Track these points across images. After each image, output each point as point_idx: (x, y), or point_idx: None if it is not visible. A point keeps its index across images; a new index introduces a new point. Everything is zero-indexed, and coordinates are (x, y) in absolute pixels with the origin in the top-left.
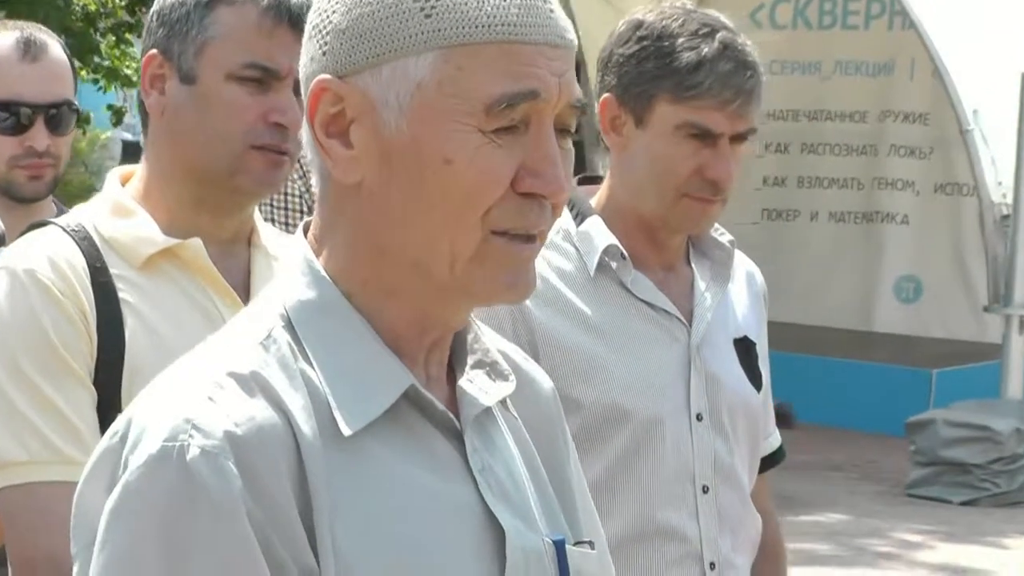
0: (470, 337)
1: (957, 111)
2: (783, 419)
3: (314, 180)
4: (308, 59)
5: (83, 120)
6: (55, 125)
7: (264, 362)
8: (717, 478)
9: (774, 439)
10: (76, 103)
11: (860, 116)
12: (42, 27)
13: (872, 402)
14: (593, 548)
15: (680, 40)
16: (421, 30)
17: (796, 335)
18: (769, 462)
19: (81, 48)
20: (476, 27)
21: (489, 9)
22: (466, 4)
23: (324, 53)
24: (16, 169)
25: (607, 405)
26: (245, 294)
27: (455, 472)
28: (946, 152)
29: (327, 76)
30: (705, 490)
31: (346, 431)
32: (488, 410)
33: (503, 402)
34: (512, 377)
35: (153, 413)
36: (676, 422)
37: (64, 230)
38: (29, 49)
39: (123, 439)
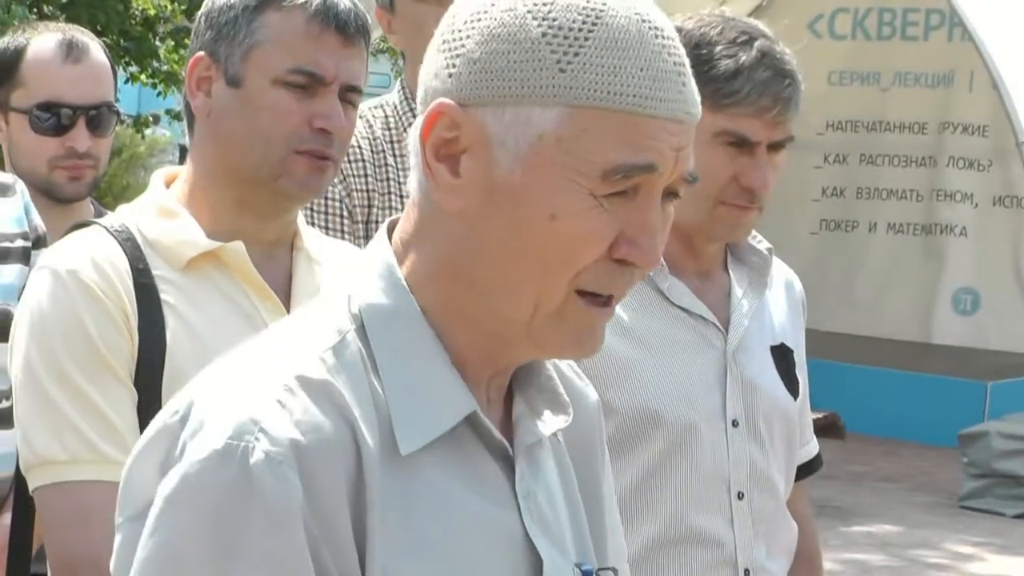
0: (535, 361)
1: (1014, 123)
2: (833, 430)
3: (412, 188)
4: (432, 72)
5: (143, 123)
6: (95, 126)
7: (335, 369)
8: (752, 484)
9: (812, 447)
10: (116, 105)
11: (919, 127)
12: (84, 29)
13: (926, 413)
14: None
15: (718, 48)
16: (553, 83)
17: (853, 346)
18: (806, 470)
19: (140, 53)
20: (608, 93)
21: (625, 77)
22: (603, 67)
23: (451, 75)
24: (57, 170)
25: (642, 410)
26: (286, 297)
27: (501, 497)
28: (1005, 164)
29: (449, 101)
30: (740, 496)
31: (404, 450)
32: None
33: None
34: (570, 410)
35: (218, 404)
36: (711, 428)
37: (107, 231)
38: (71, 51)
39: (183, 420)
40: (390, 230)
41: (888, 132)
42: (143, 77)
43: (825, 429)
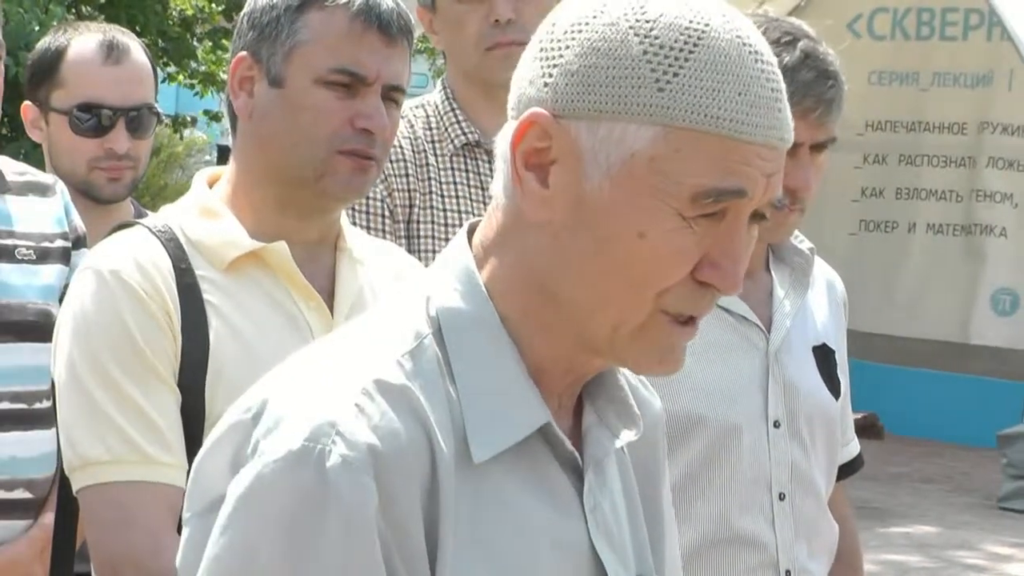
0: (606, 371)
1: None
2: (872, 430)
3: (497, 192)
4: (527, 79)
5: (181, 124)
6: (135, 128)
7: (413, 374)
8: (794, 485)
9: (853, 447)
10: (157, 106)
11: (959, 127)
12: (125, 30)
13: (965, 414)
14: None
15: None
16: (651, 102)
17: (892, 346)
18: (847, 470)
19: (178, 53)
20: (706, 116)
21: (723, 101)
22: (701, 89)
23: (546, 84)
24: (96, 171)
25: (684, 412)
26: (330, 297)
27: (569, 508)
28: None
29: (543, 111)
30: (782, 497)
31: (477, 458)
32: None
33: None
34: (640, 423)
35: (295, 405)
36: (753, 429)
37: (150, 231)
38: (111, 52)
39: (256, 418)
40: (470, 233)
41: (927, 132)
42: (181, 78)
43: (863, 430)
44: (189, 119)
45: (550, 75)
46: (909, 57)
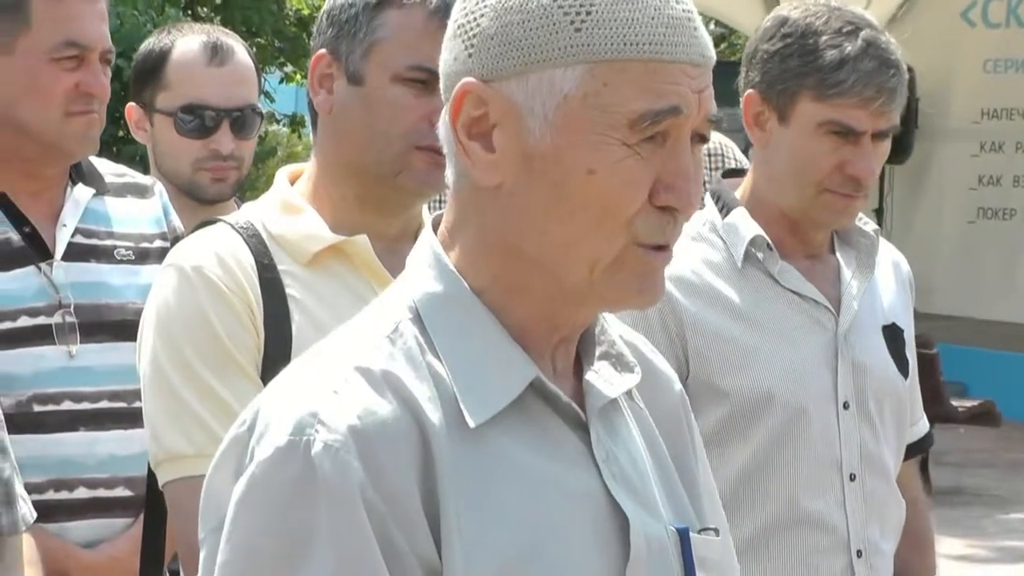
0: (597, 329)
1: None
2: (989, 417)
3: (449, 176)
4: (451, 58)
5: (299, 123)
6: (239, 128)
7: (391, 355)
8: (864, 466)
9: (922, 425)
10: (260, 107)
11: None
12: (228, 31)
13: None
14: (717, 535)
15: (824, 38)
16: (570, 43)
17: (1010, 333)
18: (917, 448)
19: (295, 52)
20: (625, 45)
21: (638, 28)
22: (616, 21)
23: (470, 55)
24: (200, 171)
25: (759, 393)
26: None
27: (579, 461)
28: None
29: (472, 79)
30: (852, 478)
31: (472, 423)
32: (614, 401)
33: (628, 393)
34: (637, 369)
35: (280, 406)
36: (823, 410)
37: (232, 227)
38: (216, 53)
39: (250, 429)
40: (435, 224)
41: None
42: (298, 77)
43: (980, 417)
44: (304, 117)
45: (471, 45)
46: None
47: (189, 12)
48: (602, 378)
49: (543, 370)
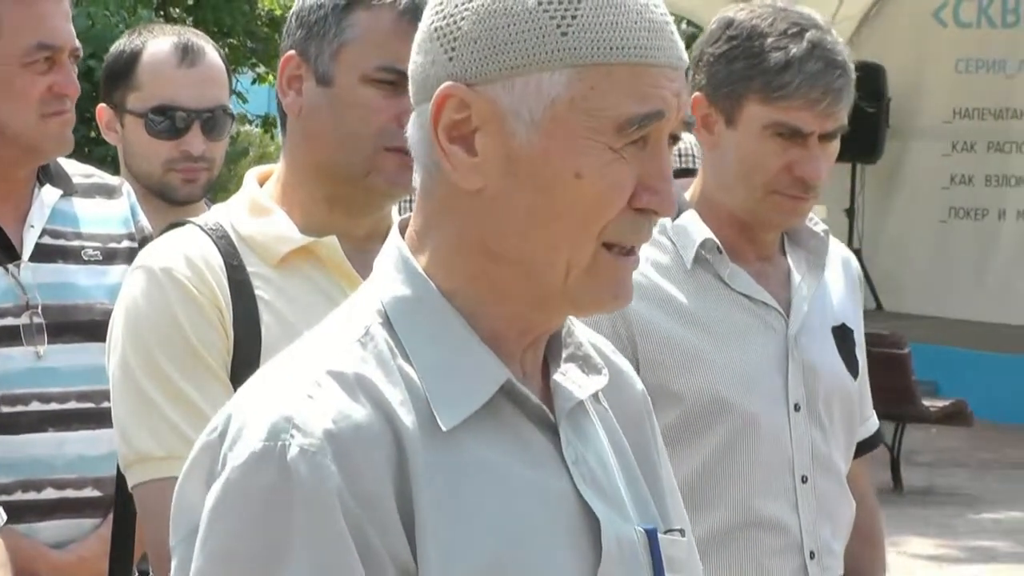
0: (563, 331)
1: None
2: (960, 417)
3: (418, 179)
4: (428, 60)
5: (272, 124)
6: (210, 129)
7: (362, 359)
8: (815, 467)
9: (871, 423)
10: (231, 108)
11: None
12: (199, 32)
13: None
14: (683, 536)
15: (769, 40)
16: (557, 47)
17: (981, 333)
18: (867, 446)
19: (267, 53)
20: (611, 48)
21: (623, 32)
22: (601, 25)
23: (450, 59)
24: (171, 172)
25: (709, 397)
26: None
27: (550, 464)
28: None
29: (454, 83)
30: (804, 480)
31: (444, 426)
32: (581, 403)
33: (595, 394)
34: (605, 371)
35: (253, 411)
36: (774, 413)
37: (202, 229)
38: (187, 54)
39: (222, 436)
40: (402, 227)
41: (1015, 119)
42: (271, 78)
43: (952, 416)
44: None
45: (453, 49)
46: (995, 44)
47: (161, 13)
48: (570, 380)
49: (513, 373)
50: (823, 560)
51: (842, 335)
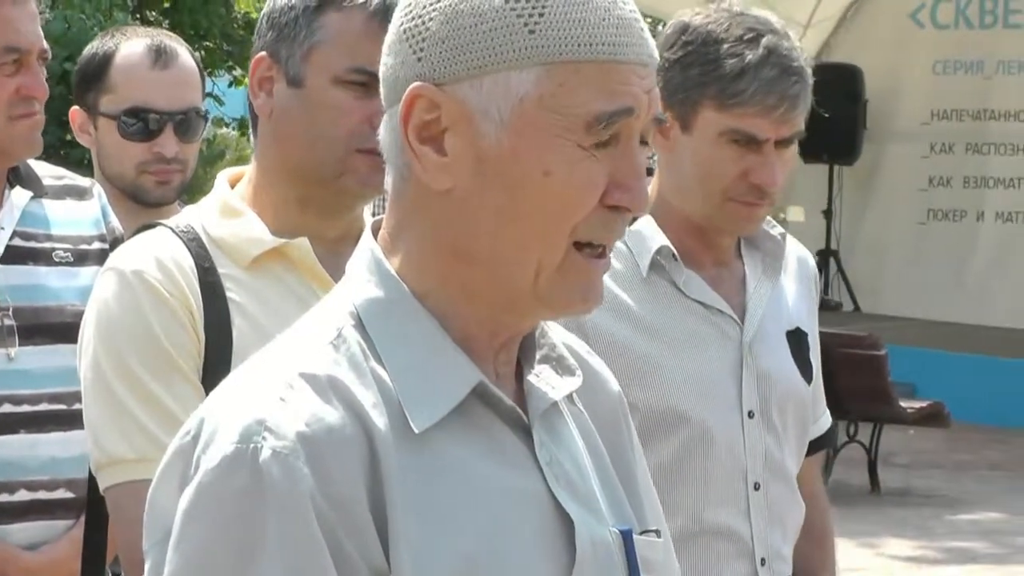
0: (537, 332)
1: None
2: (938, 418)
3: (389, 180)
4: (398, 61)
5: (248, 126)
6: (183, 131)
7: (335, 361)
8: (767, 474)
9: (823, 421)
10: (205, 110)
11: None
12: (172, 35)
13: None
14: (659, 536)
15: (724, 46)
16: (525, 45)
17: (960, 334)
18: (818, 445)
19: (243, 56)
20: (579, 45)
21: (592, 29)
22: (569, 22)
23: (419, 59)
24: (144, 174)
25: (664, 407)
26: None
27: (523, 465)
28: None
29: (423, 83)
30: (756, 487)
31: (416, 428)
32: (555, 404)
33: (569, 396)
34: (578, 372)
35: (225, 414)
36: (728, 421)
37: (173, 231)
38: (160, 56)
39: (195, 439)
40: (375, 229)
41: (993, 120)
42: (247, 81)
43: (929, 418)
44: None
45: (421, 49)
46: (973, 45)
47: (137, 16)
48: (543, 381)
49: (486, 374)
50: (773, 565)
51: (796, 340)
